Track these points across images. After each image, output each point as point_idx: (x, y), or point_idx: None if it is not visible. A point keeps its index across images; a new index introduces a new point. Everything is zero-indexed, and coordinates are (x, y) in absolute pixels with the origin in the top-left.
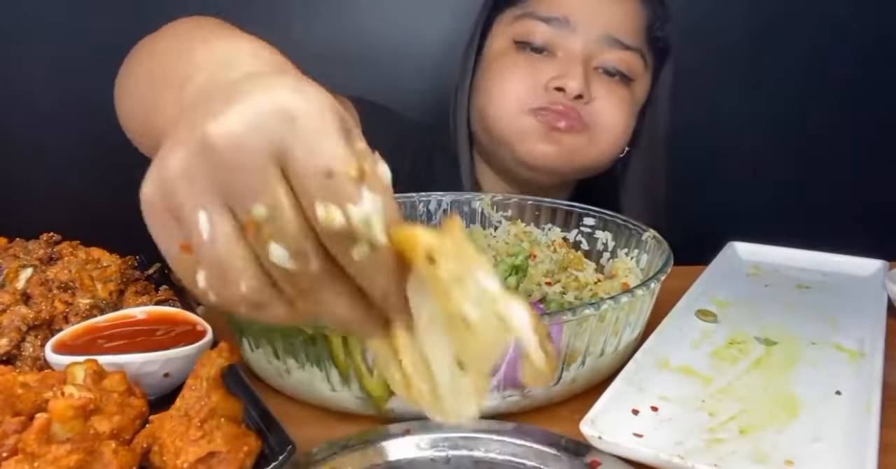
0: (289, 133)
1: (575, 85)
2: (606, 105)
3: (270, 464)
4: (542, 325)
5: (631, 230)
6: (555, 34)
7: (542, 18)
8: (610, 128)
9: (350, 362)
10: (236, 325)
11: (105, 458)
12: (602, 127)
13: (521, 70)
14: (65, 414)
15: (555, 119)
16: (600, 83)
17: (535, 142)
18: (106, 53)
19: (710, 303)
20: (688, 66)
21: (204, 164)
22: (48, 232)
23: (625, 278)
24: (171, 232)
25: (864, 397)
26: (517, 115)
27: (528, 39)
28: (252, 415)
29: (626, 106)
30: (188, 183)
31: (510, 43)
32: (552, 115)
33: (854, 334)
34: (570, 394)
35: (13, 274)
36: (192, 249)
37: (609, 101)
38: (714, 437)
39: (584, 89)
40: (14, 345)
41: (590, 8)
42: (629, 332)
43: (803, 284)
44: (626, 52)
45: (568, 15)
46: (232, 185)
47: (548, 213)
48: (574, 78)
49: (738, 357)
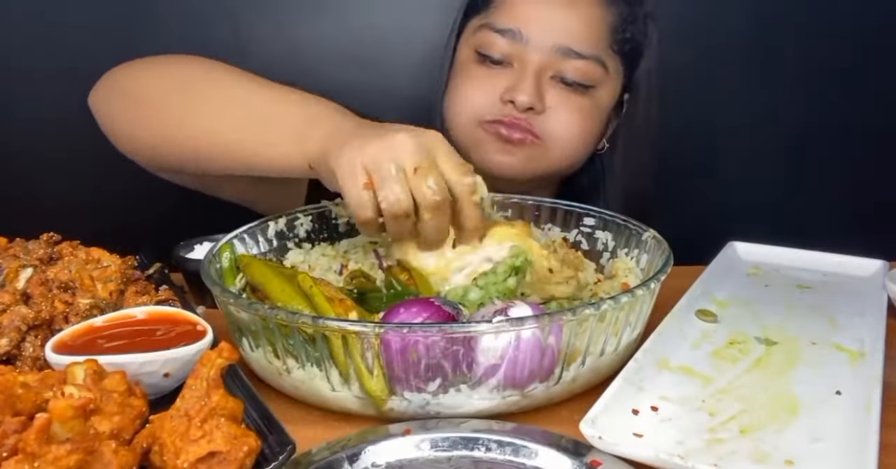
0: (435, 146)
1: (524, 98)
2: (560, 116)
3: (270, 464)
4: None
5: (631, 230)
6: (510, 46)
7: (498, 30)
8: (563, 138)
9: (350, 362)
10: (236, 325)
11: (105, 458)
12: (554, 137)
13: (478, 82)
14: (65, 414)
15: (507, 131)
16: (556, 93)
17: (489, 153)
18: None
19: (710, 303)
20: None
21: (392, 150)
22: (48, 232)
23: (625, 278)
24: (357, 180)
25: (864, 397)
26: (472, 127)
27: (486, 52)
28: (252, 415)
29: (583, 114)
30: (386, 156)
31: (473, 53)
32: (504, 127)
33: (854, 334)
34: (570, 394)
35: (13, 274)
36: (371, 186)
37: (563, 112)
38: (714, 437)
39: (536, 101)
40: (14, 345)
41: (543, 19)
42: (629, 332)
43: (803, 284)
44: (581, 62)
45: (521, 27)
46: (410, 159)
47: (548, 213)
48: (523, 91)
49: (738, 357)
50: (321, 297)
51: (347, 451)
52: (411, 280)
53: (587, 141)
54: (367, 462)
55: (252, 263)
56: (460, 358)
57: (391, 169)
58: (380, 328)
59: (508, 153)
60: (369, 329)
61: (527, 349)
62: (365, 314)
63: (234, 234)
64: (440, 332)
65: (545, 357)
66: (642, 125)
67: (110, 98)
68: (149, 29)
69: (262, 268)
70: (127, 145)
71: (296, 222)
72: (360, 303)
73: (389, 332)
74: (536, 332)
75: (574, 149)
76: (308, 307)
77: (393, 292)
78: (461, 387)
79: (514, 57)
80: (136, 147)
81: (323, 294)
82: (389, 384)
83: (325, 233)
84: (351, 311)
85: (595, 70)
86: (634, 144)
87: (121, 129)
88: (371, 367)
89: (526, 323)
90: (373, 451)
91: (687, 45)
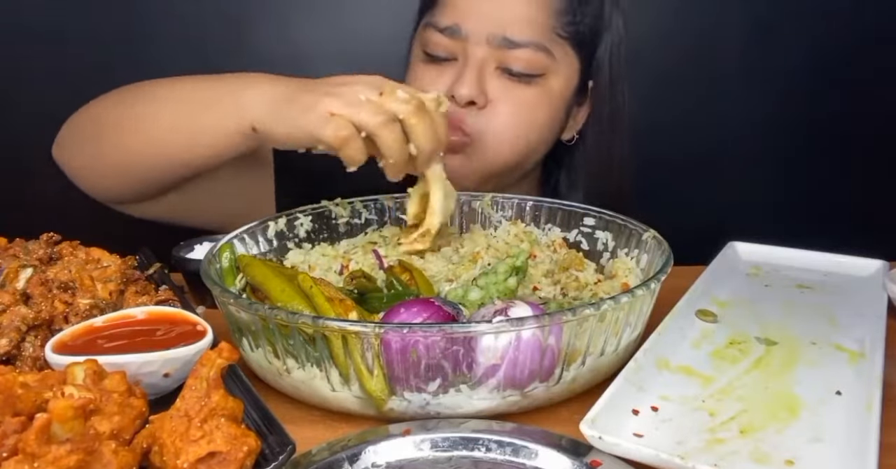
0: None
1: (464, 91)
2: (502, 109)
3: (270, 464)
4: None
5: (631, 230)
6: (451, 43)
7: (440, 29)
8: (500, 132)
9: (350, 362)
10: (236, 325)
11: (105, 458)
12: (491, 132)
13: (424, 81)
14: (65, 414)
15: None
16: (499, 85)
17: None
18: (107, 54)
19: (710, 303)
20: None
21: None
22: (48, 232)
23: (625, 278)
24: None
25: (864, 397)
26: None
27: (431, 51)
28: (252, 415)
29: (527, 106)
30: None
31: (421, 52)
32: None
33: (854, 334)
34: (570, 394)
35: (13, 274)
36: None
37: (505, 104)
38: (714, 437)
39: (476, 94)
40: (14, 345)
41: (480, 11)
42: (629, 332)
43: (803, 284)
44: (521, 50)
45: (459, 22)
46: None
47: (548, 213)
48: (463, 84)
49: (738, 357)
50: (321, 297)
51: (347, 451)
52: (412, 280)
53: (534, 133)
54: (367, 462)
55: (252, 263)
56: (460, 358)
57: (359, 99)
58: (380, 328)
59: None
60: (369, 329)
61: (527, 349)
62: (365, 314)
63: (234, 234)
64: (440, 332)
65: (545, 357)
66: (608, 114)
67: (68, 141)
68: (149, 29)
69: (262, 268)
70: (92, 182)
71: (296, 222)
72: (360, 303)
73: (389, 332)
74: (536, 333)
75: (513, 143)
76: (308, 307)
77: (393, 292)
78: (461, 387)
79: (457, 53)
80: (98, 179)
81: (323, 294)
82: (389, 384)
83: (325, 233)
84: (351, 311)
85: (538, 57)
86: (601, 135)
87: (83, 167)
88: (371, 368)
89: (526, 323)
90: (373, 452)
91: (687, 46)
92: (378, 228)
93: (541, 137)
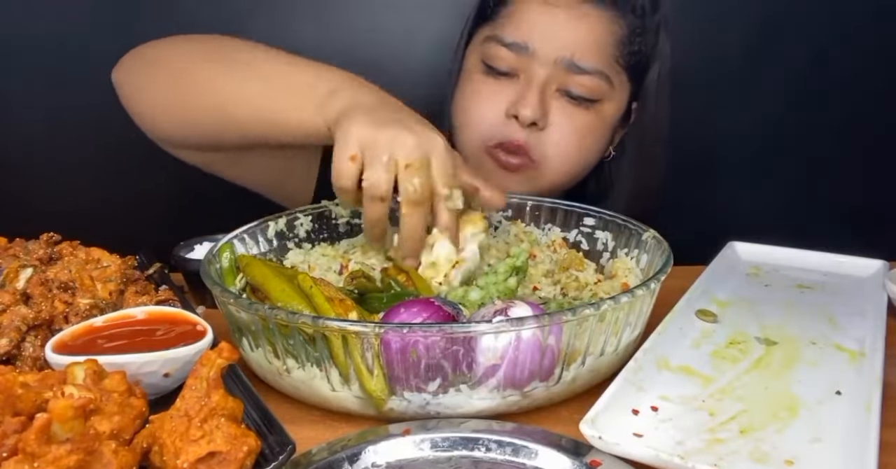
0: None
1: (527, 113)
2: (561, 131)
3: (270, 464)
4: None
5: (631, 230)
6: (516, 59)
7: (505, 43)
8: (562, 157)
9: (350, 362)
10: (236, 325)
11: (105, 458)
12: (553, 156)
13: (484, 94)
14: (65, 414)
15: (505, 157)
16: (559, 107)
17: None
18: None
19: (710, 303)
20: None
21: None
22: (48, 232)
23: (625, 278)
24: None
25: (864, 397)
26: (477, 150)
27: (493, 64)
28: (252, 415)
29: (584, 132)
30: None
31: (480, 63)
32: (503, 152)
33: (854, 334)
34: (570, 394)
35: (13, 274)
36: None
37: (565, 128)
38: (714, 437)
39: (539, 116)
40: (14, 345)
41: (550, 32)
42: (629, 332)
43: (803, 284)
44: (586, 77)
45: (528, 40)
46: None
47: (548, 213)
48: (527, 106)
49: (738, 357)
50: (321, 297)
51: (347, 451)
52: (409, 281)
53: (586, 158)
54: (367, 462)
55: (252, 263)
56: (460, 358)
57: (384, 157)
58: (380, 328)
59: (506, 178)
60: (369, 329)
61: (527, 349)
62: (365, 314)
63: (234, 234)
64: (440, 332)
65: (545, 357)
66: (652, 128)
67: (135, 70)
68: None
69: (262, 268)
70: (149, 119)
71: (296, 222)
72: (360, 303)
73: (389, 332)
74: (536, 333)
75: (571, 167)
76: (308, 307)
77: (393, 292)
78: (461, 387)
79: (520, 70)
80: (158, 120)
81: (323, 294)
82: (389, 384)
83: (325, 233)
84: (351, 311)
85: (600, 85)
86: (644, 148)
87: (144, 102)
88: (371, 367)
89: (526, 323)
90: (373, 451)
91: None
92: None
93: (588, 163)
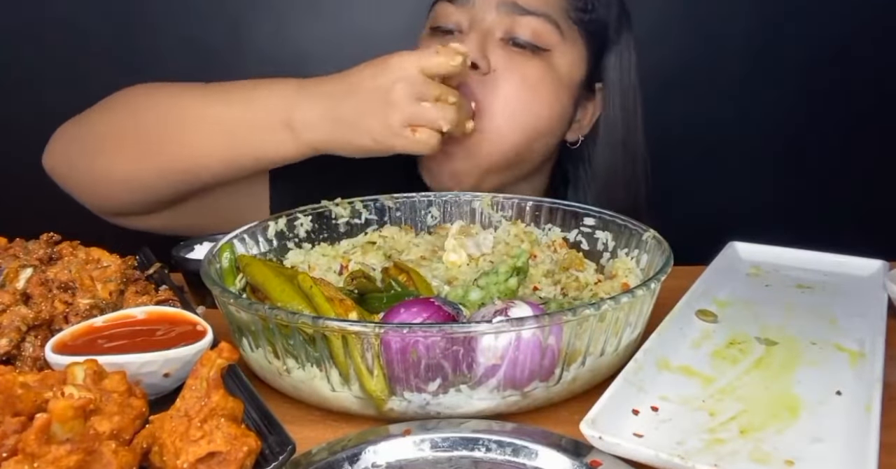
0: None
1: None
2: (508, 81)
3: (270, 464)
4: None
5: (631, 230)
6: (459, 13)
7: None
8: (510, 102)
9: (350, 362)
10: (236, 325)
11: (105, 458)
12: (502, 109)
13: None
14: (65, 414)
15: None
16: (504, 55)
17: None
18: (107, 54)
19: (710, 303)
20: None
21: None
22: (48, 232)
23: (625, 278)
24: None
25: (864, 397)
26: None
27: (439, 23)
28: (252, 415)
29: (535, 79)
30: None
31: (428, 29)
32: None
33: (854, 334)
34: (570, 394)
35: (13, 274)
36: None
37: (512, 76)
38: (714, 437)
39: (479, 58)
40: (14, 345)
41: None
42: (629, 332)
43: (803, 284)
44: (530, 18)
45: None
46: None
47: (548, 213)
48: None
49: (738, 357)
50: (321, 297)
51: (347, 451)
52: (409, 281)
53: (537, 113)
54: (367, 462)
55: (252, 263)
56: (460, 358)
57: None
58: (380, 328)
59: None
60: (369, 329)
61: (527, 349)
62: (365, 314)
63: (234, 234)
64: (440, 332)
65: (545, 357)
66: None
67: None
68: (149, 29)
69: (262, 268)
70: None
71: (296, 222)
72: (360, 303)
73: (389, 332)
74: (536, 333)
75: (521, 119)
76: (308, 307)
77: (393, 293)
78: (461, 387)
79: (464, 24)
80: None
81: (323, 294)
82: (389, 384)
83: (325, 233)
84: (351, 311)
85: (546, 29)
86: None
87: (87, 184)
88: (371, 368)
89: (526, 323)
90: (373, 452)
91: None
92: (378, 228)
93: (548, 119)
